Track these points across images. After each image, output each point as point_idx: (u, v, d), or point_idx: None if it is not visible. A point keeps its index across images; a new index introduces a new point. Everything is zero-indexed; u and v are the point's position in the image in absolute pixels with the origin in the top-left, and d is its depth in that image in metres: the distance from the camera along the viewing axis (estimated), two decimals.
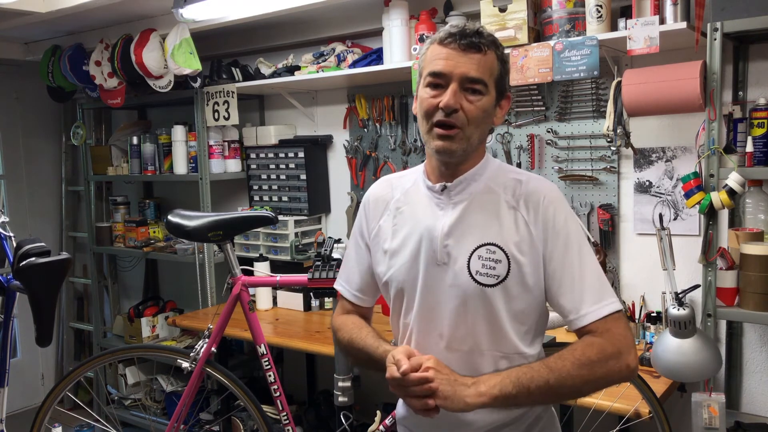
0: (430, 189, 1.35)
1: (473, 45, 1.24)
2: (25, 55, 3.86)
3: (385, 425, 2.28)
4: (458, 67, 1.23)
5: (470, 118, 1.24)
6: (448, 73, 1.24)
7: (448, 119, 1.24)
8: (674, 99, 2.01)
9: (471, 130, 1.26)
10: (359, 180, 3.13)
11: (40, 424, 2.32)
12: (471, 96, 1.24)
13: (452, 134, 1.24)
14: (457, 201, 1.31)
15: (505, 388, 1.17)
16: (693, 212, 2.29)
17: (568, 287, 1.26)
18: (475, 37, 1.24)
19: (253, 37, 3.35)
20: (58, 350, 4.35)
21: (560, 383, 1.18)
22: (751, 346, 2.27)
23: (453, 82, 1.24)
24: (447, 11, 2.61)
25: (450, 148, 1.25)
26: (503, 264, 1.25)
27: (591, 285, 1.26)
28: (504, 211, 1.29)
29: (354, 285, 1.48)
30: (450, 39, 1.25)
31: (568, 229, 1.28)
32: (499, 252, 1.26)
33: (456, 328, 1.29)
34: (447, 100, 1.22)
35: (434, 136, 1.26)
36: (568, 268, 1.26)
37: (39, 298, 1.99)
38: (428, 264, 1.31)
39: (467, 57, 1.24)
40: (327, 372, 3.24)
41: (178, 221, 2.24)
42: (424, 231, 1.32)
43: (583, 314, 1.24)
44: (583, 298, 1.25)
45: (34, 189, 4.22)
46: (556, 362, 1.20)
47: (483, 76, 1.24)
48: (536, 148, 2.60)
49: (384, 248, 1.38)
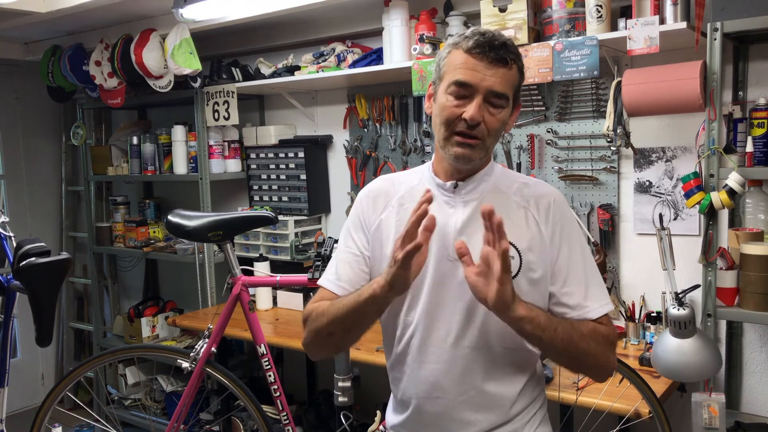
0: (440, 187, 1.35)
1: (501, 59, 1.24)
2: (25, 55, 3.86)
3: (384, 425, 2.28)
4: (485, 80, 1.24)
5: (491, 130, 1.27)
6: (474, 85, 1.24)
7: (472, 132, 1.25)
8: (674, 99, 2.01)
9: (490, 141, 1.29)
10: (359, 180, 3.13)
11: (40, 424, 2.32)
12: (492, 109, 1.26)
13: (473, 144, 1.26)
14: (467, 199, 1.33)
15: (539, 317, 1.21)
16: (693, 212, 2.29)
17: (574, 284, 1.31)
18: (503, 51, 1.25)
19: (253, 37, 3.35)
20: (58, 350, 4.35)
21: (578, 340, 1.24)
22: (751, 346, 2.27)
23: (478, 94, 1.24)
24: (447, 11, 2.61)
25: (470, 156, 1.28)
26: (515, 260, 1.28)
27: (595, 284, 1.33)
28: (514, 210, 1.33)
29: (344, 279, 1.39)
30: (479, 50, 1.24)
31: (574, 231, 1.34)
32: (511, 249, 1.27)
33: (465, 324, 1.30)
34: (473, 113, 1.23)
35: (454, 143, 1.27)
36: (575, 267, 1.31)
37: (39, 298, 1.99)
38: (439, 260, 1.31)
39: (494, 70, 1.24)
40: (327, 372, 3.24)
41: (178, 221, 2.24)
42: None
43: (588, 309, 1.30)
44: (588, 295, 1.31)
45: (34, 189, 4.22)
46: (576, 324, 1.27)
47: (507, 90, 1.26)
48: (536, 148, 2.60)
49: (386, 244, 1.37)
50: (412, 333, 1.34)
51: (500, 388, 1.31)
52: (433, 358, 1.32)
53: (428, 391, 1.33)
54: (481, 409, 1.31)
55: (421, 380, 1.33)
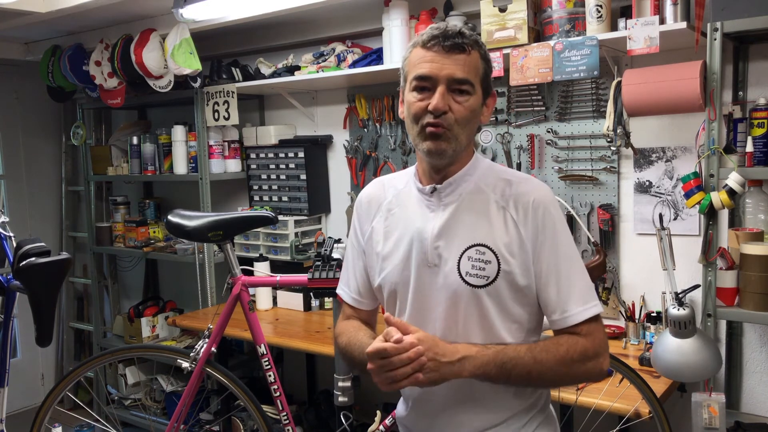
0: (420, 191, 1.35)
1: (457, 46, 1.24)
2: (25, 55, 3.86)
3: (385, 425, 2.28)
4: (444, 69, 1.23)
5: (459, 118, 1.25)
6: (434, 76, 1.24)
7: (437, 120, 1.24)
8: (674, 99, 2.01)
9: (459, 131, 1.26)
10: (359, 180, 3.13)
11: (40, 424, 2.32)
12: (459, 97, 1.25)
13: (440, 132, 1.24)
14: (447, 203, 1.32)
15: (489, 371, 1.21)
16: (693, 212, 2.29)
17: (554, 287, 1.27)
18: (458, 38, 1.24)
19: (253, 37, 3.35)
20: (58, 350, 4.35)
21: (539, 375, 1.23)
22: (751, 346, 2.27)
23: (440, 84, 1.24)
24: (447, 11, 2.61)
25: (440, 148, 1.26)
26: (493, 264, 1.26)
27: (578, 286, 1.28)
28: (493, 212, 1.30)
29: (352, 288, 1.49)
30: (433, 41, 1.24)
31: (557, 231, 1.29)
32: (488, 253, 1.26)
33: (448, 329, 1.29)
34: (436, 102, 1.23)
35: (423, 138, 1.26)
36: (556, 268, 1.27)
37: (39, 298, 1.99)
38: (419, 266, 1.31)
39: (452, 58, 1.24)
40: (327, 372, 3.25)
41: (178, 221, 2.24)
42: (414, 233, 1.32)
43: (569, 314, 1.27)
44: (570, 298, 1.27)
45: (34, 189, 4.22)
46: (541, 354, 1.23)
47: (469, 76, 1.25)
48: (536, 148, 2.60)
49: (377, 251, 1.39)
50: None
51: (491, 389, 1.29)
52: None
53: (420, 392, 1.35)
54: (474, 409, 1.31)
55: None
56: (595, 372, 1.28)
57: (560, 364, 1.23)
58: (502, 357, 1.21)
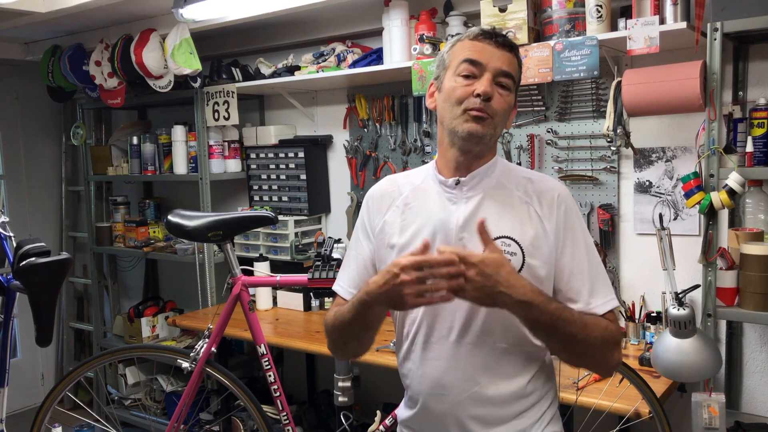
0: (442, 183, 1.36)
1: (506, 43, 1.30)
2: (25, 55, 3.86)
3: (385, 425, 2.28)
4: (493, 60, 1.28)
5: (499, 110, 1.29)
6: (484, 63, 1.28)
7: (482, 105, 1.26)
8: (674, 99, 2.01)
9: (498, 121, 1.30)
10: (359, 180, 3.13)
11: (40, 424, 2.32)
12: (501, 90, 1.29)
13: (485, 117, 1.27)
14: (470, 195, 1.33)
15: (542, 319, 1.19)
16: (693, 212, 2.29)
17: (580, 280, 1.31)
18: (507, 39, 1.31)
19: (253, 37, 3.35)
20: (58, 350, 4.35)
21: (580, 341, 1.23)
22: (751, 346, 2.27)
23: (488, 71, 1.27)
24: (447, 11, 2.61)
25: (481, 132, 1.28)
26: (518, 257, 1.28)
27: (600, 279, 1.32)
28: (517, 206, 1.33)
29: (353, 283, 1.43)
30: (483, 35, 1.30)
31: (578, 226, 1.34)
32: (513, 245, 1.28)
33: (469, 321, 1.30)
34: (485, 87, 1.26)
35: (467, 119, 1.28)
36: (580, 261, 1.31)
37: (39, 298, 1.99)
38: None
39: (501, 53, 1.29)
40: (327, 372, 3.24)
41: (178, 221, 2.24)
42: (437, 224, 1.32)
43: (594, 305, 1.30)
44: (594, 291, 1.31)
45: (34, 189, 4.22)
46: (591, 321, 1.25)
47: (513, 72, 1.30)
48: (536, 148, 2.60)
49: (391, 243, 1.37)
50: (417, 330, 1.35)
51: (505, 385, 1.30)
52: (436, 354, 1.32)
53: (432, 387, 1.33)
54: (486, 405, 1.30)
55: (426, 377, 1.34)
56: (614, 360, 1.29)
57: (601, 338, 1.25)
58: (559, 314, 1.20)
